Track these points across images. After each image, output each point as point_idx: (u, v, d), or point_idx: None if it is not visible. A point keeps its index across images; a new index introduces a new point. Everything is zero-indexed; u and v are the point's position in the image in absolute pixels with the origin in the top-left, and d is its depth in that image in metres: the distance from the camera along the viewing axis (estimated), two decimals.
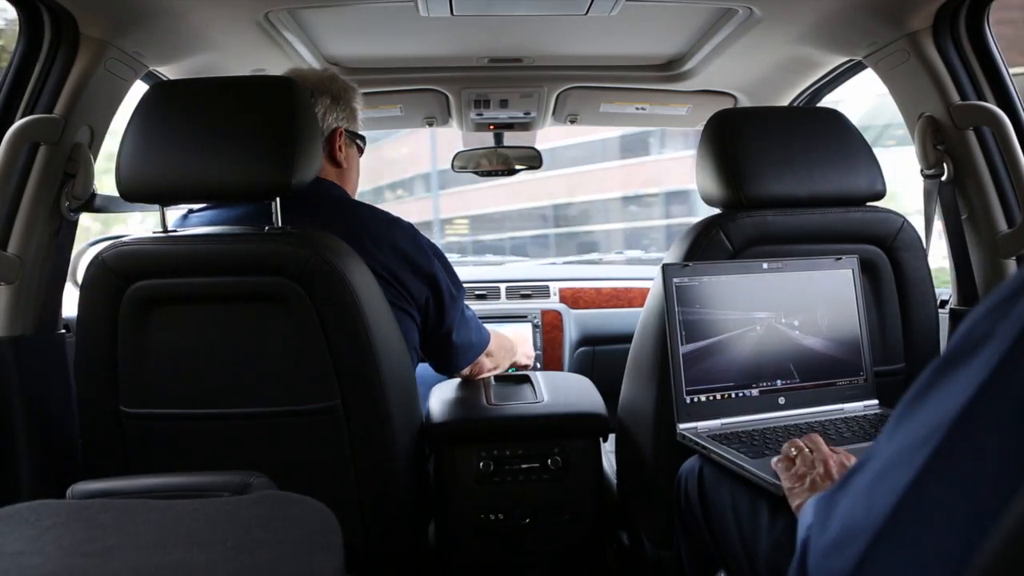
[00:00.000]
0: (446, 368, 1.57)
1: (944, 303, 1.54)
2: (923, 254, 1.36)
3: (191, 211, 1.46)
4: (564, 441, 1.43)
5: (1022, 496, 0.37)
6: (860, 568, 0.51)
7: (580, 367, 2.34)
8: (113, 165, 1.21)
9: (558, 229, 16.63)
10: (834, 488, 0.58)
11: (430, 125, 2.34)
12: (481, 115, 2.25)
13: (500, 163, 2.43)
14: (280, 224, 1.19)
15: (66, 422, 1.39)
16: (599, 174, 15.93)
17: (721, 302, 1.24)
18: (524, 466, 1.43)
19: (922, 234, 1.39)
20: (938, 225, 1.52)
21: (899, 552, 0.49)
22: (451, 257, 2.99)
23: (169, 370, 1.20)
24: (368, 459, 1.23)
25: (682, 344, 1.21)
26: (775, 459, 0.98)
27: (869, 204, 1.35)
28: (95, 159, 1.43)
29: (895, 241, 1.33)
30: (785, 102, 2.10)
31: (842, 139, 1.33)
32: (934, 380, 0.51)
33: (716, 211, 1.36)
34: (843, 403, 1.27)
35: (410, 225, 1.45)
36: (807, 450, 0.96)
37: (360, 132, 1.56)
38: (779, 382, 1.25)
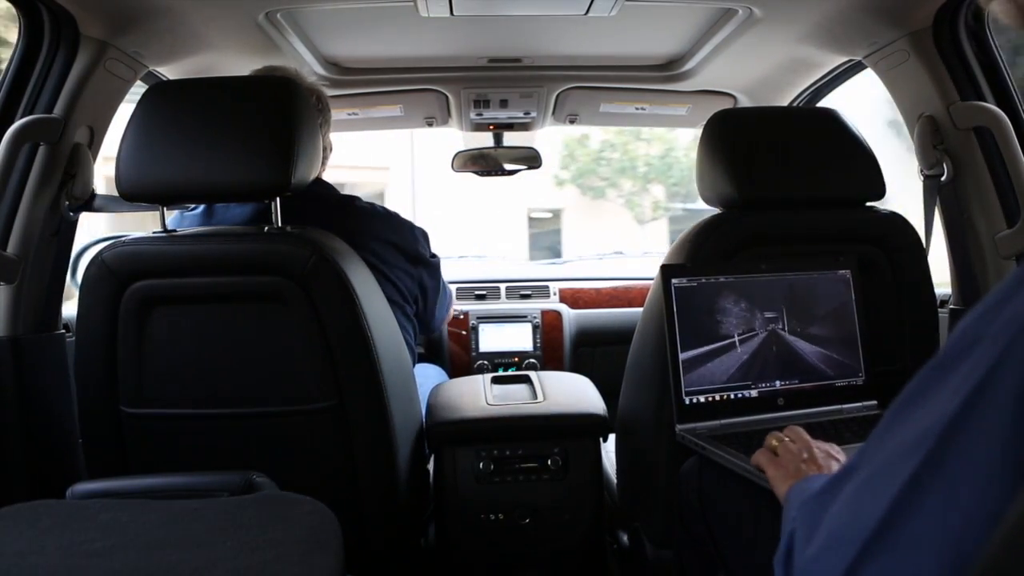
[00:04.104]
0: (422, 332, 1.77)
1: (944, 303, 1.54)
2: (923, 254, 1.36)
3: (183, 214, 1.47)
4: (564, 441, 1.43)
5: (1017, 503, 0.36)
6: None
7: (580, 367, 2.34)
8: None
9: None
10: (821, 492, 0.58)
11: (430, 125, 2.35)
12: (481, 115, 2.24)
13: (499, 163, 2.43)
14: (279, 224, 1.19)
15: (66, 422, 1.39)
16: None
17: (720, 303, 1.24)
18: (524, 466, 1.43)
19: (922, 234, 1.39)
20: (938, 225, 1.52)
21: (887, 560, 0.48)
22: (451, 256, 3.00)
23: (169, 370, 1.20)
24: (368, 459, 1.23)
25: (680, 344, 1.21)
26: (757, 451, 0.98)
27: (868, 204, 1.35)
28: (95, 159, 1.44)
29: (894, 241, 1.33)
30: (785, 102, 2.10)
31: (842, 139, 1.33)
32: (925, 385, 0.50)
33: (716, 211, 1.36)
34: (842, 403, 1.27)
35: (406, 220, 1.50)
36: (788, 440, 0.97)
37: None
38: (778, 383, 1.25)
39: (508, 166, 2.44)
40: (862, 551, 0.50)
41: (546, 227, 12.46)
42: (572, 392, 1.56)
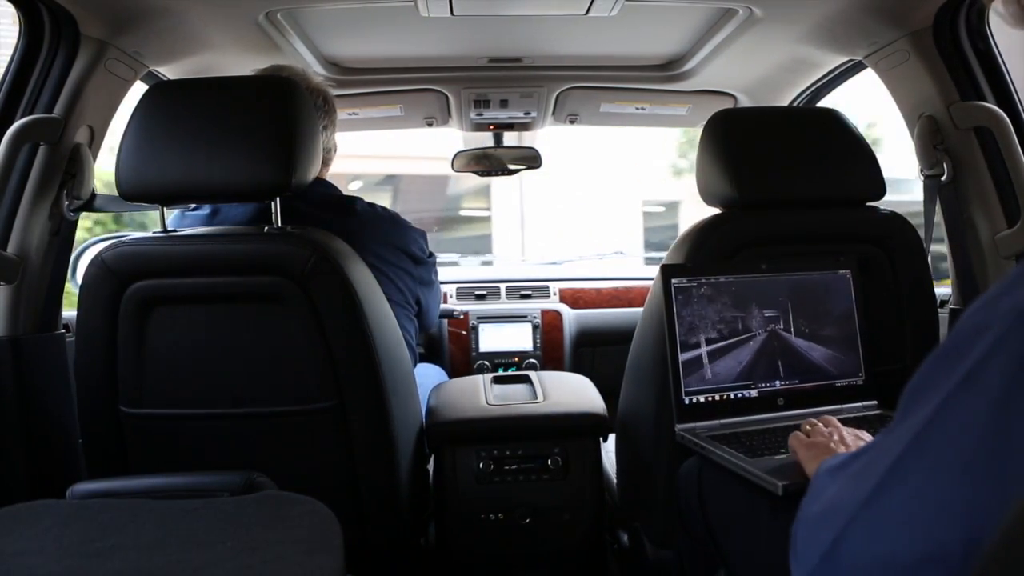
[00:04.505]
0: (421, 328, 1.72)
1: (944, 303, 1.54)
2: (923, 254, 1.36)
3: (184, 213, 1.47)
4: (564, 441, 1.43)
5: (1017, 503, 0.37)
6: (834, 546, 0.54)
7: (580, 367, 2.34)
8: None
9: None
10: (835, 467, 0.61)
11: (430, 125, 2.35)
12: (481, 115, 2.25)
13: (499, 163, 2.43)
14: (280, 224, 1.19)
15: (66, 422, 1.39)
16: None
17: (720, 303, 1.24)
18: (524, 466, 1.43)
19: (922, 234, 1.39)
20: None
21: (867, 534, 0.51)
22: (451, 257, 3.00)
23: (169, 370, 1.20)
24: (368, 459, 1.23)
25: (680, 345, 1.21)
26: (791, 435, 1.01)
27: (868, 204, 1.35)
28: (95, 159, 1.44)
29: (894, 241, 1.33)
30: (785, 102, 2.10)
31: (841, 139, 1.33)
32: (932, 374, 0.52)
33: (716, 211, 1.36)
34: (842, 403, 1.27)
35: (405, 220, 1.50)
36: (821, 425, 1.01)
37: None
38: (778, 382, 1.25)
39: (509, 166, 2.44)
40: (847, 524, 0.53)
41: (660, 221, 11.43)
42: (572, 392, 1.56)
